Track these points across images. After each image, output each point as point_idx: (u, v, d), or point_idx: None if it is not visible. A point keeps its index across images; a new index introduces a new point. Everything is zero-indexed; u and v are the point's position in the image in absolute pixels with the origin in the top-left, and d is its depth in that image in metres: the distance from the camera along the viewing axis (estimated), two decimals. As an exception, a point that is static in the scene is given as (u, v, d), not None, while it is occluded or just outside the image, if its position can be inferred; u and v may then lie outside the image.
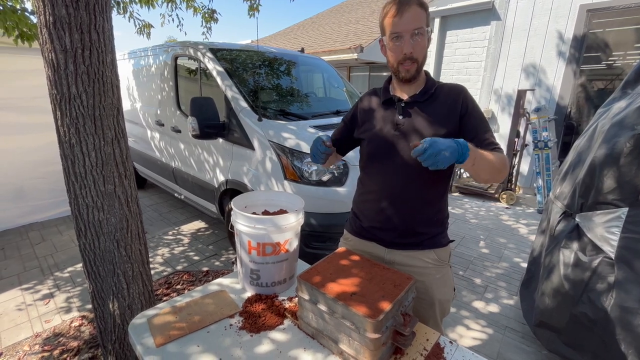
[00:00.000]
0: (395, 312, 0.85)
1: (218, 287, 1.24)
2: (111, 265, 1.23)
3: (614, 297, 1.37)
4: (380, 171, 1.06)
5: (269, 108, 2.50)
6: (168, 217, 3.65)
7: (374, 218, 1.10)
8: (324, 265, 1.01)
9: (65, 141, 1.12)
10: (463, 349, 0.95)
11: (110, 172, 1.19)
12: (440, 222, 1.08)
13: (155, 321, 1.03)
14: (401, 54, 0.95)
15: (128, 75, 3.80)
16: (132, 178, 1.29)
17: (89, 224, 1.20)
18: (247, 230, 1.12)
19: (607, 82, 4.58)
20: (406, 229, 1.05)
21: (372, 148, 1.08)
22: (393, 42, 0.95)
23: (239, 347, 0.93)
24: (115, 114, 1.18)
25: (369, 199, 1.11)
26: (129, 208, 1.26)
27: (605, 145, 1.40)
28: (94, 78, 1.10)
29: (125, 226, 1.25)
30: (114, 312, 1.25)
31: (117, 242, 1.24)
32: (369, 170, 1.12)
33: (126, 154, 1.24)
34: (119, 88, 1.20)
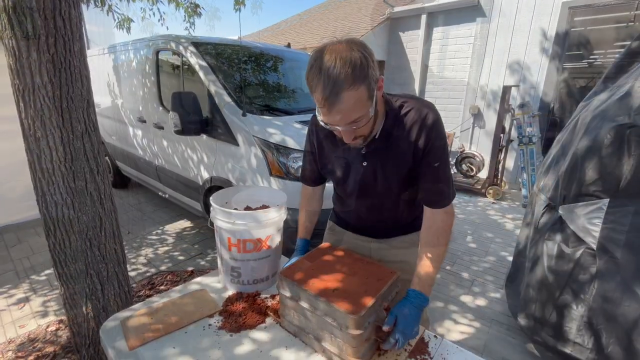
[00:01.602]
0: (378, 307, 0.83)
1: (198, 286, 1.19)
2: (84, 266, 1.17)
3: (595, 287, 1.39)
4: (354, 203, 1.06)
5: (253, 103, 2.44)
6: (152, 217, 3.56)
7: (355, 224, 1.12)
8: (306, 261, 0.98)
9: (30, 135, 1.05)
10: (447, 343, 0.93)
11: (80, 168, 1.12)
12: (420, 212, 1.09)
13: (130, 323, 0.98)
14: (340, 135, 0.84)
15: (108, 70, 3.68)
16: (106, 174, 1.23)
17: (58, 222, 1.13)
18: (226, 227, 1.08)
19: (588, 79, 4.69)
20: (387, 229, 1.08)
21: (339, 187, 1.06)
22: (327, 125, 0.80)
23: (218, 347, 0.90)
24: (84, 106, 1.11)
25: (346, 209, 1.12)
26: (103, 205, 1.20)
27: (587, 137, 1.41)
28: (60, 67, 1.03)
29: (99, 224, 1.19)
30: (87, 315, 1.19)
31: (90, 242, 1.17)
32: (340, 194, 1.11)
33: (98, 148, 1.18)
34: (88, 79, 1.13)
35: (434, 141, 0.86)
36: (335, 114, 0.74)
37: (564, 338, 1.51)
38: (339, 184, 1.05)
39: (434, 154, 0.87)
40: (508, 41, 4.29)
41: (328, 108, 0.73)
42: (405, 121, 0.89)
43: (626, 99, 1.28)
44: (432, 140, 0.86)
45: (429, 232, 0.92)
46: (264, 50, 3.04)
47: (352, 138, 0.83)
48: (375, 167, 0.94)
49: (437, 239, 0.90)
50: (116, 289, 1.26)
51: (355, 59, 0.70)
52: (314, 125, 1.05)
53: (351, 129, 0.79)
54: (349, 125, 0.78)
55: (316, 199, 1.21)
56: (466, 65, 4.78)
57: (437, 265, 0.89)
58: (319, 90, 0.72)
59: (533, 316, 1.66)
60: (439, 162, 0.88)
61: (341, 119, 0.76)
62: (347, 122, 0.76)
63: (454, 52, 4.86)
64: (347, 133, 0.81)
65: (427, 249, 0.90)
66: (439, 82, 5.11)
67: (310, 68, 0.74)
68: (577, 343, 1.46)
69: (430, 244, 0.90)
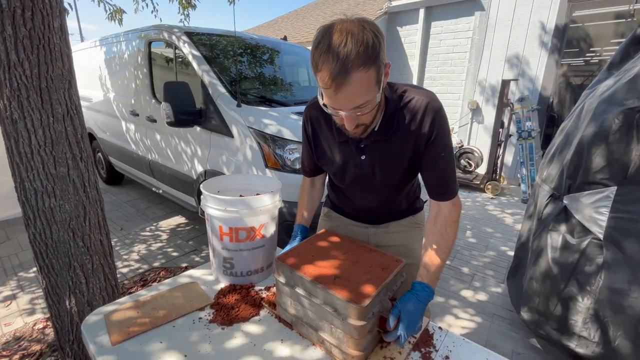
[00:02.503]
0: (383, 297, 0.78)
1: (189, 279, 1.13)
2: (66, 258, 1.10)
3: (602, 278, 1.34)
4: (352, 194, 1.04)
5: (248, 94, 2.38)
6: (146, 213, 3.48)
7: (351, 212, 1.11)
8: (305, 247, 0.93)
9: (6, 116, 0.98)
10: (453, 335, 0.88)
11: (62, 153, 1.05)
12: (415, 197, 1.10)
13: (114, 317, 0.91)
14: (342, 122, 0.78)
15: (100, 63, 3.59)
16: (90, 161, 1.16)
17: (39, 211, 1.06)
18: (217, 214, 1.01)
19: (587, 74, 4.66)
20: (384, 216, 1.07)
21: (337, 181, 1.03)
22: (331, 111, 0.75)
23: (208, 341, 0.84)
24: (66, 86, 1.04)
25: (343, 199, 1.10)
26: (87, 194, 1.13)
27: (594, 123, 1.36)
28: (39, 44, 0.96)
29: (82, 214, 1.12)
30: (71, 309, 1.12)
31: (73, 232, 1.10)
32: (337, 186, 1.08)
33: (81, 133, 1.11)
34: (70, 58, 1.06)
35: (437, 131, 0.81)
36: (342, 96, 0.68)
37: (569, 332, 1.46)
38: (336, 177, 1.02)
39: (437, 145, 0.83)
40: (507, 35, 4.25)
41: (335, 89, 0.67)
42: (405, 112, 0.83)
43: (636, 81, 1.23)
44: (434, 131, 0.81)
45: (436, 223, 0.87)
46: (259, 42, 2.97)
47: (354, 126, 0.77)
48: (374, 160, 0.89)
49: (445, 229, 0.86)
50: (102, 282, 1.19)
51: (367, 39, 0.64)
52: (308, 117, 0.99)
53: (355, 114, 0.73)
54: (354, 111, 0.72)
55: (317, 187, 1.17)
56: (464, 60, 4.73)
57: (444, 257, 0.84)
58: (326, 69, 0.65)
59: (537, 310, 1.61)
60: (443, 153, 0.84)
61: (347, 102, 0.70)
62: (352, 107, 0.70)
63: (453, 46, 4.81)
64: (349, 119, 0.75)
65: (434, 241, 0.86)
66: (437, 77, 5.06)
67: (317, 45, 0.67)
68: (583, 336, 1.42)
69: (438, 236, 0.86)
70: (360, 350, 0.74)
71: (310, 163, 1.08)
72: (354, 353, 0.74)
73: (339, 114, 0.74)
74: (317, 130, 0.98)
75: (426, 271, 0.83)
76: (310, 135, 1.00)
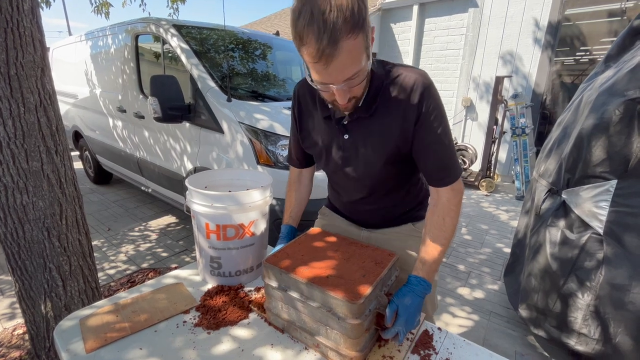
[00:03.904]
0: (379, 292, 0.73)
1: (174, 279, 1.07)
2: (41, 259, 1.02)
3: (603, 274, 1.31)
4: (338, 183, 0.98)
5: (239, 89, 2.31)
6: (135, 213, 3.38)
7: (346, 213, 1.05)
8: (294, 247, 0.87)
9: (-29, 106, 0.90)
10: (453, 336, 0.84)
11: (34, 146, 0.98)
12: (418, 203, 1.00)
13: (90, 322, 0.85)
14: (332, 98, 0.72)
15: (86, 58, 3.47)
16: (67, 155, 1.08)
17: (9, 208, 0.98)
18: (203, 211, 0.95)
19: (580, 71, 4.69)
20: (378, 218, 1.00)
21: (322, 166, 0.97)
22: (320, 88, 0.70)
23: (192, 347, 0.77)
24: (38, 74, 0.97)
25: (337, 196, 1.04)
26: (63, 190, 1.05)
27: (593, 115, 1.33)
28: (6, 27, 0.88)
29: (58, 211, 1.04)
30: (46, 314, 1.05)
31: (48, 231, 1.03)
32: (328, 177, 1.02)
33: (57, 124, 1.03)
34: (43, 44, 0.99)
35: (427, 109, 0.75)
36: (332, 70, 0.62)
37: (568, 329, 1.43)
38: (321, 161, 0.95)
39: (429, 123, 0.76)
40: (500, 31, 4.24)
41: (325, 62, 0.61)
42: (392, 88, 0.77)
43: (636, 71, 1.20)
44: (423, 108, 0.75)
45: (434, 212, 0.81)
46: (251, 36, 2.90)
47: (347, 100, 0.71)
48: (357, 140, 0.83)
49: (443, 219, 0.80)
50: (81, 284, 1.11)
51: (352, 2, 0.58)
52: (296, 94, 0.95)
53: (347, 87, 0.68)
54: (346, 83, 0.66)
55: (304, 183, 1.10)
56: (458, 57, 4.72)
57: (442, 249, 0.79)
58: (312, 41, 0.59)
59: (535, 307, 1.58)
60: (436, 131, 0.76)
61: (338, 74, 0.64)
62: (344, 79, 0.65)
63: (446, 43, 4.79)
64: (342, 93, 0.69)
65: (431, 232, 0.80)
66: (431, 73, 5.02)
67: (298, 16, 0.59)
68: (583, 334, 1.39)
69: (435, 227, 0.80)
70: (359, 351, 0.70)
71: (297, 149, 1.02)
72: (352, 354, 0.69)
73: (329, 90, 0.68)
74: (304, 108, 0.93)
75: (422, 264, 0.79)
76: (297, 114, 0.95)
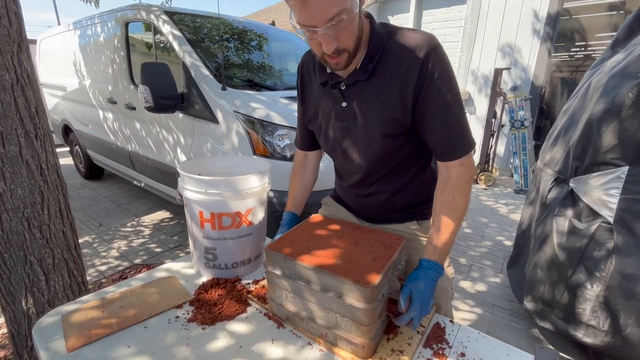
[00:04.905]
0: (391, 276, 0.68)
1: (166, 273, 1.00)
2: (21, 251, 0.95)
3: (613, 264, 1.27)
4: (340, 165, 0.92)
5: (234, 77, 2.22)
6: (127, 208, 3.29)
7: (348, 202, 0.99)
8: (297, 233, 0.81)
9: (-61, 84, 0.82)
10: (467, 329, 0.78)
11: (11, 129, 0.90)
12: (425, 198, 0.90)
13: (73, 318, 0.78)
14: (321, 50, 0.68)
15: (74, 49, 3.35)
16: (49, 140, 1.00)
17: (-16, 197, 0.91)
18: (197, 198, 0.88)
19: (578, 64, 4.67)
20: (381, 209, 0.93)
21: (322, 142, 0.92)
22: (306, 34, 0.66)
23: (186, 344, 0.71)
24: (14, 50, 0.88)
25: (339, 181, 0.99)
26: (44, 177, 0.97)
27: (604, 99, 1.28)
28: (-25, -4, 0.81)
29: (39, 200, 0.97)
30: (28, 310, 0.97)
31: (28, 221, 0.95)
32: (332, 159, 0.96)
33: (36, 106, 0.95)
34: (19, 17, 0.90)
35: (433, 71, 0.67)
36: (311, 6, 0.60)
37: (576, 321, 1.39)
38: (320, 136, 0.90)
39: (435, 89, 0.69)
40: (499, 23, 4.19)
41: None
42: (393, 49, 0.71)
43: (652, 51, 1.15)
44: (429, 70, 0.67)
45: (443, 189, 0.75)
46: (246, 25, 2.81)
47: (334, 48, 0.65)
48: (355, 106, 0.78)
49: (453, 198, 0.74)
50: (66, 279, 1.04)
51: None
52: (300, 65, 0.92)
53: (333, 32, 0.63)
54: (330, 24, 0.61)
55: (309, 168, 1.04)
56: (457, 50, 4.66)
57: (453, 229, 0.73)
58: None
59: (541, 299, 1.53)
60: (444, 98, 0.69)
61: (318, 13, 0.60)
62: (326, 19, 0.61)
63: (445, 35, 4.73)
64: (327, 40, 0.64)
65: (442, 213, 0.74)
66: (428, 67, 4.97)
67: None
68: (591, 325, 1.35)
69: (445, 206, 0.74)
70: (371, 339, 0.64)
71: (302, 126, 0.98)
72: (364, 342, 0.64)
73: (315, 36, 0.64)
74: (306, 79, 0.90)
75: (433, 247, 0.73)
76: (299, 86, 0.92)
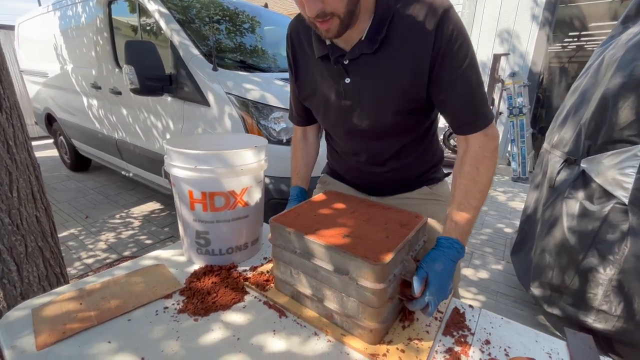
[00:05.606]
0: (405, 256, 0.60)
1: (154, 261, 0.91)
2: (-13, 239, 0.85)
3: (628, 246, 1.21)
4: (340, 142, 0.85)
5: (226, 58, 2.10)
6: (116, 200, 3.16)
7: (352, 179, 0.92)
8: (304, 207, 0.74)
9: None
10: (489, 314, 0.71)
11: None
12: (432, 165, 0.88)
13: (46, 312, 0.68)
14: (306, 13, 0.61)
15: (55, 32, 3.16)
16: (17, 114, 0.89)
17: (-59, 177, 0.79)
18: (185, 175, 0.79)
19: (577, 50, 4.63)
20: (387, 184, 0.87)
21: (321, 121, 0.84)
22: None
23: (175, 337, 0.62)
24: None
25: (339, 159, 0.90)
26: (12, 156, 0.86)
27: (621, 73, 1.21)
28: None
29: (7, 182, 0.86)
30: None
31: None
32: (330, 136, 0.89)
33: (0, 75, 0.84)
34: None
35: (449, 35, 0.60)
36: None
37: (586, 306, 1.35)
38: (319, 114, 0.82)
39: (452, 54, 0.61)
40: (497, 8, 4.10)
41: None
42: (402, 15, 0.63)
43: (676, 18, 1.08)
44: (444, 34, 0.60)
45: (464, 163, 0.67)
46: (237, 5, 2.67)
47: (318, 10, 0.57)
48: (361, 83, 0.69)
49: (476, 170, 0.66)
50: (41, 269, 0.94)
51: None
52: (289, 35, 0.81)
53: None
54: None
55: (310, 141, 0.97)
56: (454, 36, 4.57)
57: (477, 204, 0.65)
58: None
59: (549, 284, 1.48)
60: (462, 64, 0.62)
61: None
62: None
63: (441, 21, 4.64)
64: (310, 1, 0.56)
65: (463, 184, 0.66)
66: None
67: None
68: (602, 310, 1.30)
69: (467, 179, 0.66)
70: (380, 322, 0.57)
71: (297, 102, 0.88)
72: (372, 325, 0.57)
73: None
74: (298, 51, 0.80)
75: (454, 224, 0.65)
76: (291, 59, 0.82)
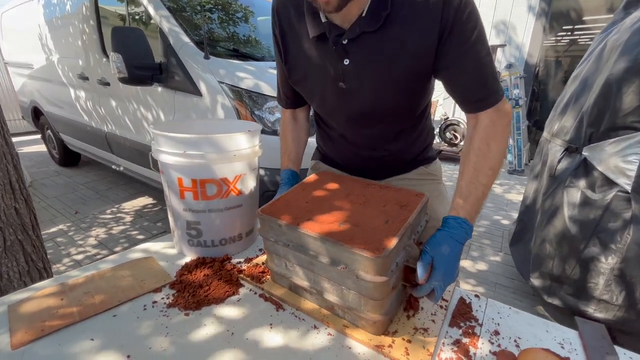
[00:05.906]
0: (407, 241, 0.56)
1: (143, 254, 0.85)
2: (-39, 232, 0.79)
3: (630, 234, 1.20)
4: (336, 127, 0.81)
5: (218, 46, 2.03)
6: (106, 195, 3.08)
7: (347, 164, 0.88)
8: (295, 193, 0.68)
9: None
10: (496, 304, 0.68)
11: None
12: (426, 145, 0.86)
13: (23, 309, 0.63)
14: None
15: (39, 21, 3.05)
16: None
17: None
18: (174, 161, 0.73)
19: (572, 42, 4.62)
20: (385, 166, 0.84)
21: (316, 106, 0.79)
22: None
23: (164, 333, 0.58)
24: None
25: (332, 145, 0.86)
26: (-14, 142, 0.80)
27: (625, 57, 1.18)
28: None
29: (-19, 170, 0.80)
30: (-25, 302, 0.82)
31: (-32, 195, 0.78)
32: (323, 121, 0.84)
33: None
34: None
35: (457, 5, 0.57)
36: None
37: (587, 296, 1.33)
38: (313, 99, 0.77)
39: (461, 27, 0.58)
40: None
41: None
42: None
43: (683, -1, 1.05)
44: (454, 6, 0.57)
45: (475, 137, 0.63)
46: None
47: None
48: (362, 64, 0.64)
49: (487, 146, 0.62)
50: (22, 264, 0.88)
51: None
52: (276, 11, 0.73)
53: None
54: None
55: (300, 122, 0.91)
56: (450, 28, 4.53)
57: (487, 182, 0.62)
58: None
59: (549, 274, 1.47)
60: (471, 37, 0.58)
61: None
62: None
63: (437, 13, 4.59)
64: None
65: (473, 160, 0.62)
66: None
67: None
68: (603, 300, 1.29)
69: (478, 153, 0.62)
70: (383, 314, 0.54)
71: (285, 84, 0.82)
72: (375, 317, 0.53)
73: None
74: (286, 29, 0.72)
75: (462, 201, 0.61)
76: (279, 38, 0.74)
